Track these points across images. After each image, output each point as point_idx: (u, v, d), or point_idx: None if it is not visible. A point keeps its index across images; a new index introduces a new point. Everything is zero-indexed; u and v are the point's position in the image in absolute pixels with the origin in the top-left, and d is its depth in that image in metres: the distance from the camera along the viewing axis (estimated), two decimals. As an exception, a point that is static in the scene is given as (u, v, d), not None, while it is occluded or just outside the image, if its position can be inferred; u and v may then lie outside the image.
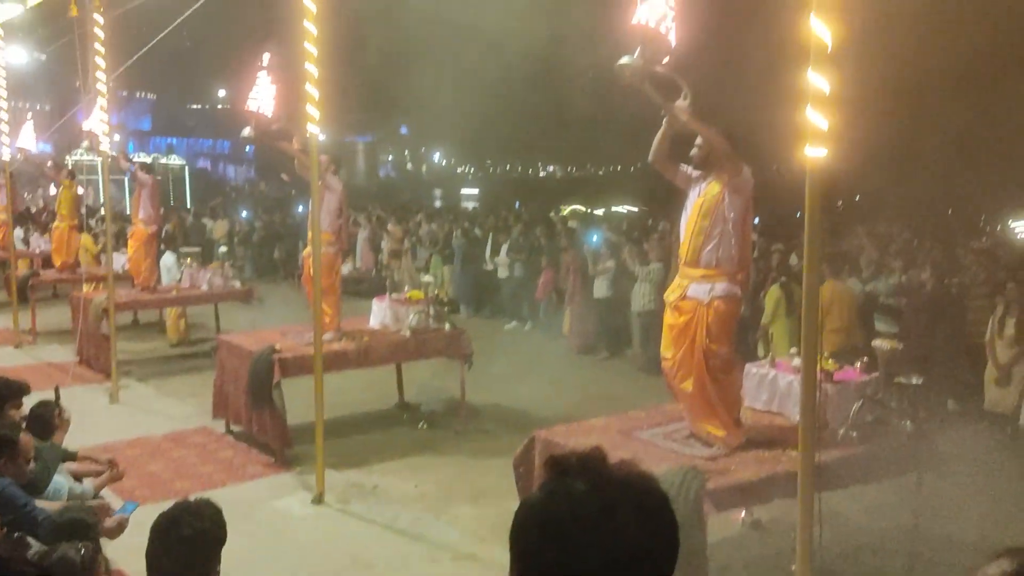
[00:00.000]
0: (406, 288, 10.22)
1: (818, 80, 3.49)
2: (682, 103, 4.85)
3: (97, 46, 9.01)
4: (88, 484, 5.17)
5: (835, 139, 3.58)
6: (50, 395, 5.59)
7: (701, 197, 5.07)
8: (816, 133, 3.52)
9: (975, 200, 20.18)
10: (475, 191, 47.49)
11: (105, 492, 5.38)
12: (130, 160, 11.69)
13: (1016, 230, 16.42)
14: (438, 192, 48.65)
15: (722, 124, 5.02)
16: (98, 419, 8.47)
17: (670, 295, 5.25)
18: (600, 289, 11.95)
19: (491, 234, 15.21)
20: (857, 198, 23.64)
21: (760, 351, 9.36)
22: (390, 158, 73.01)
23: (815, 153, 3.53)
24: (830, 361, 5.89)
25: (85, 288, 11.92)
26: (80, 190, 14.53)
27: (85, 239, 13.99)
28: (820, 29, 3.47)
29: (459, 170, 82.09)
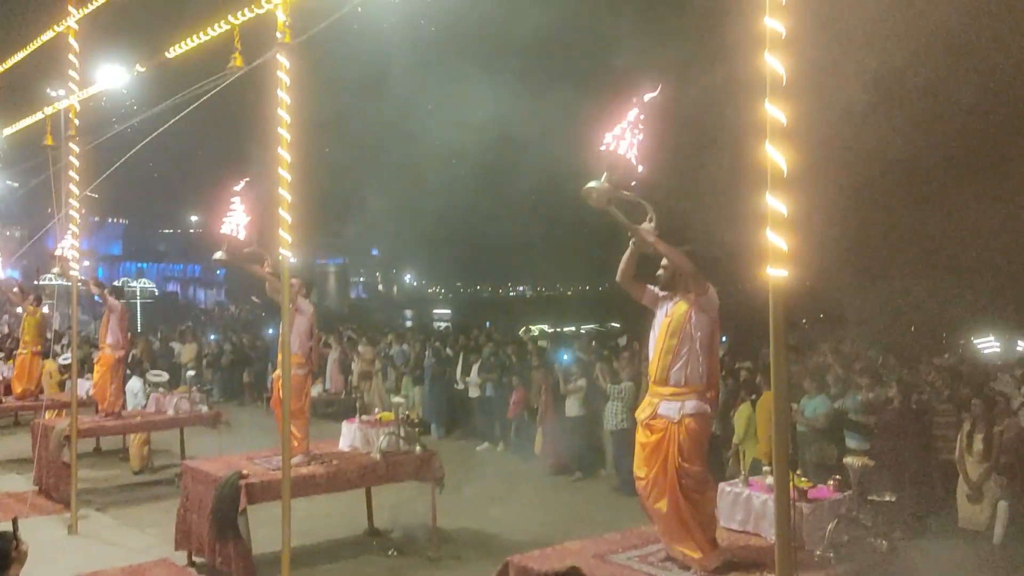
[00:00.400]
0: (377, 410, 10.14)
1: (776, 203, 3.63)
2: (648, 226, 5.01)
3: (71, 174, 9.15)
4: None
5: (796, 259, 3.69)
6: (7, 527, 5.39)
7: (668, 317, 5.17)
8: (777, 254, 3.64)
9: (936, 317, 20.61)
10: (447, 311, 47.74)
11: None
12: (100, 285, 11.67)
13: (979, 345, 16.71)
14: (409, 313, 48.76)
15: (686, 246, 5.17)
16: (56, 551, 8.15)
17: (641, 413, 5.27)
18: (572, 408, 11.91)
19: (462, 354, 15.20)
20: (821, 316, 24.04)
21: (733, 470, 9.32)
22: (361, 279, 73.48)
23: (777, 273, 3.63)
24: (803, 479, 5.88)
25: (47, 415, 11.66)
26: (46, 310, 14.39)
27: (49, 365, 13.77)
28: (775, 155, 3.63)
29: (430, 290, 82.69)
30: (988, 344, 16.18)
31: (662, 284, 5.27)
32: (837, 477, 5.88)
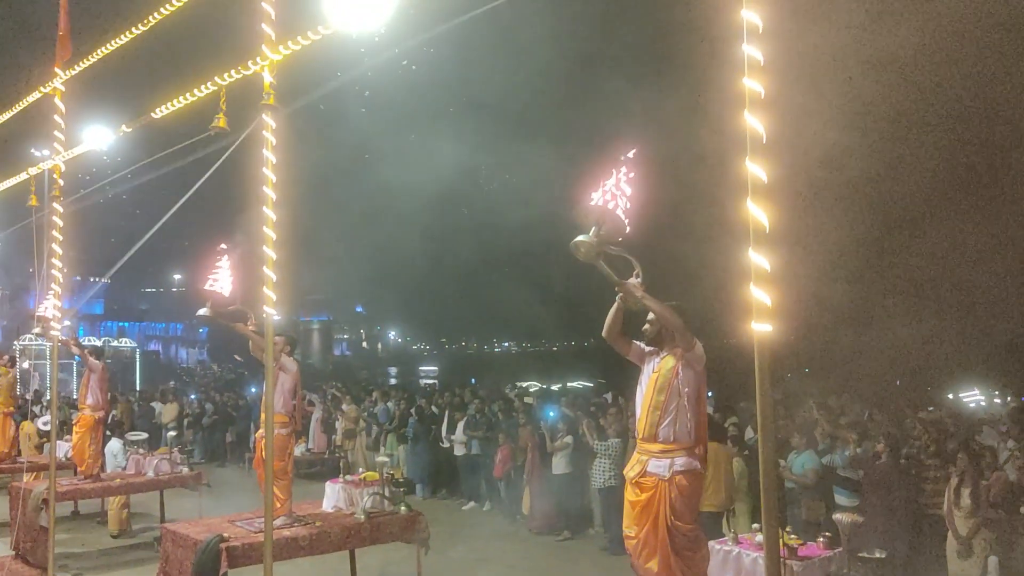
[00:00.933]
0: (361, 469, 10.00)
1: (759, 259, 3.65)
2: (635, 281, 5.03)
3: (54, 233, 9.11)
4: None
5: (780, 314, 3.71)
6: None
7: (655, 372, 5.16)
8: (761, 309, 3.65)
9: (922, 371, 20.70)
10: (433, 368, 47.55)
11: None
12: (79, 345, 11.56)
13: (964, 399, 16.76)
14: (393, 370, 48.54)
15: (672, 301, 5.19)
16: (28, 620, 7.94)
17: (630, 471, 5.21)
18: (559, 466, 11.79)
19: (447, 411, 15.07)
20: (806, 370, 24.11)
21: (724, 528, 9.21)
22: (345, 337, 73.22)
23: (761, 328, 3.64)
24: (793, 537, 5.83)
25: (26, 478, 11.46)
26: (26, 365, 14.21)
27: (28, 427, 13.56)
28: (757, 211, 3.67)
29: (414, 347, 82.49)
30: (972, 398, 16.24)
31: (648, 339, 5.28)
32: (827, 534, 5.84)
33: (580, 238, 4.81)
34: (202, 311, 8.08)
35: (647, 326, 5.26)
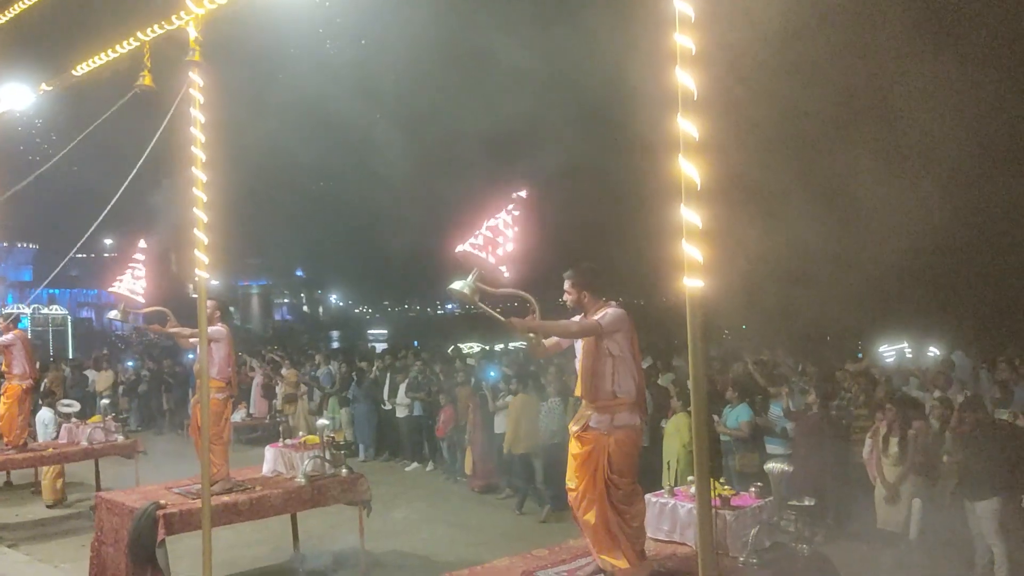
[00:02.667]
0: (301, 433, 9.94)
1: (690, 215, 3.69)
2: (519, 320, 5.03)
3: (-26, 197, 8.78)
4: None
5: (711, 270, 3.76)
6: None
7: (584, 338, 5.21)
8: (692, 264, 3.69)
9: (853, 324, 21.28)
10: (383, 331, 47.18)
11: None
12: None
13: (893, 351, 17.29)
14: (336, 334, 48.14)
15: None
16: (-40, 593, 7.78)
17: (574, 426, 5.29)
18: (501, 425, 11.88)
19: (388, 374, 15.04)
20: (744, 327, 24.60)
21: (663, 480, 9.41)
22: (286, 301, 72.32)
23: (693, 284, 3.69)
24: (726, 487, 5.97)
25: (-48, 450, 11.15)
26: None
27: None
28: (688, 168, 3.69)
29: (357, 311, 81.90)
30: (901, 350, 16.76)
31: (571, 308, 5.33)
32: (759, 484, 5.98)
33: (455, 285, 4.84)
34: (112, 313, 8.28)
35: (565, 295, 5.31)
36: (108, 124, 7.36)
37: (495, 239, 4.93)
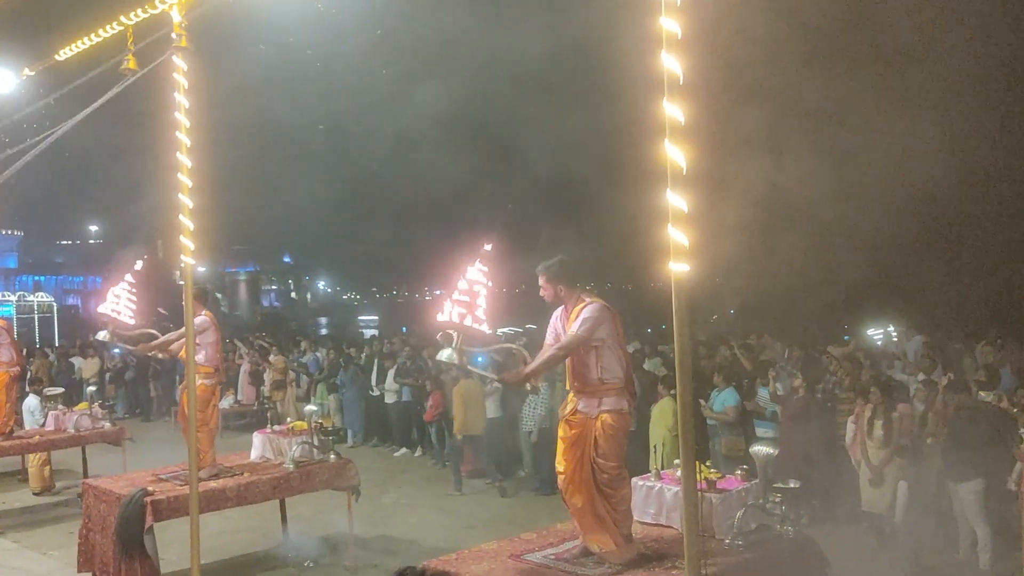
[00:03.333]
0: (289, 419, 9.94)
1: (676, 199, 3.69)
2: (511, 374, 5.12)
3: (-43, 183, 8.70)
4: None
5: (698, 254, 3.77)
6: None
7: (569, 327, 5.22)
8: (679, 249, 3.70)
9: (840, 309, 21.38)
10: (373, 318, 47.05)
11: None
12: None
13: (879, 335, 17.39)
14: (324, 320, 48.06)
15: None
16: (-52, 581, 7.76)
17: (563, 409, 5.32)
18: (489, 410, 11.90)
19: (376, 360, 15.03)
20: (731, 311, 24.68)
21: (650, 463, 9.46)
22: (274, 287, 72.08)
23: (679, 268, 3.70)
24: (712, 470, 6.01)
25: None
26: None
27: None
28: (674, 153, 3.70)
29: (345, 297, 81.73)
30: (887, 334, 16.86)
31: (549, 303, 5.35)
32: (744, 467, 6.02)
33: (443, 356, 4.93)
34: (101, 334, 8.39)
35: (541, 291, 5.33)
36: (91, 108, 7.29)
37: (470, 301, 4.97)
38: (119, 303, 7.97)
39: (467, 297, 4.97)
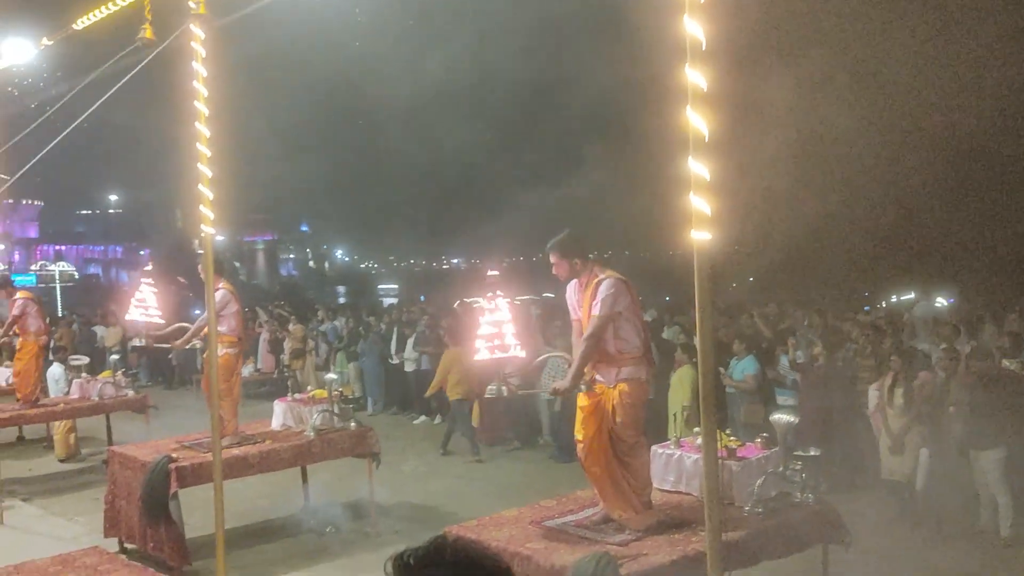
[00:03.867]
0: (309, 388, 10.01)
1: (698, 167, 3.65)
2: (562, 383, 5.19)
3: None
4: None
5: (719, 222, 3.73)
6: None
7: (584, 303, 5.22)
8: (700, 217, 3.67)
9: (858, 277, 21.23)
10: (394, 286, 47.18)
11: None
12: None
13: (900, 302, 17.27)
14: (342, 288, 48.25)
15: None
16: (-21, 544, 7.91)
17: (584, 378, 5.33)
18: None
19: (395, 328, 15.08)
20: (751, 279, 24.55)
21: (669, 431, 9.48)
22: (291, 256, 72.37)
23: (700, 236, 3.67)
24: (732, 438, 6.01)
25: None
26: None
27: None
28: (696, 119, 3.65)
29: (363, 265, 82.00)
30: (909, 300, 16.74)
31: (564, 280, 5.34)
32: (765, 435, 6.02)
33: (490, 391, 5.21)
34: (137, 341, 8.43)
35: (554, 270, 5.32)
36: (111, 78, 7.29)
37: (498, 333, 5.12)
38: (145, 305, 8.04)
39: (495, 329, 5.10)
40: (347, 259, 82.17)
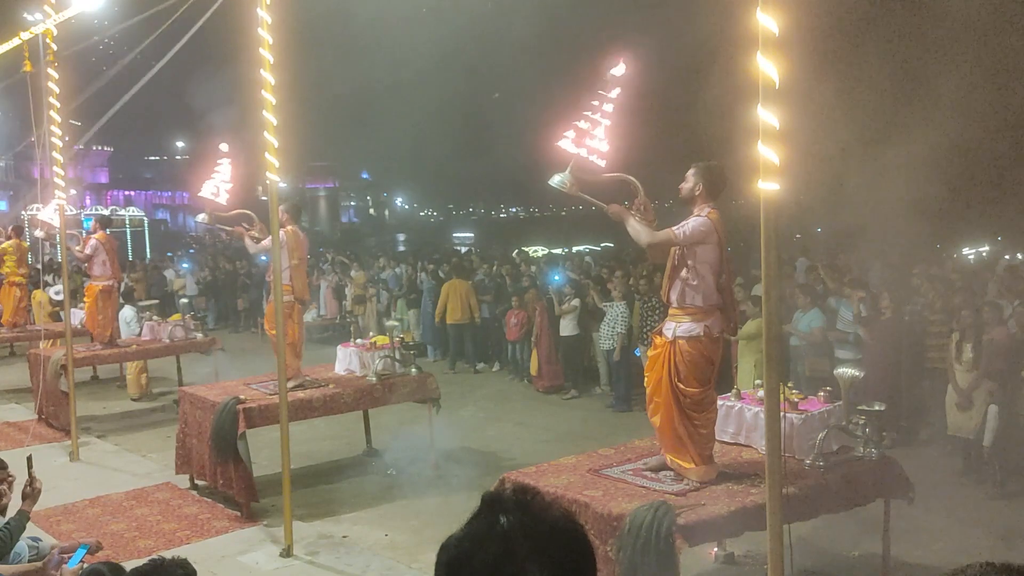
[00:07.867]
0: (371, 333, 10.18)
1: (768, 116, 3.57)
2: (616, 207, 5.12)
3: (52, 100, 8.96)
4: (48, 542, 5.06)
5: (787, 173, 3.65)
6: (11, 457, 5.45)
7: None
8: (769, 167, 3.59)
9: (929, 228, 20.56)
10: (469, 235, 47.26)
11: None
12: (79, 239, 11.62)
13: (968, 255, 16.76)
14: (401, 236, 48.60)
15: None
16: (58, 479, 8.24)
17: (656, 327, 5.35)
18: (566, 327, 11.97)
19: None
20: (819, 230, 23.96)
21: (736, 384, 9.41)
22: (352, 204, 73.00)
23: (768, 187, 3.59)
24: (794, 391, 5.95)
25: (43, 345, 11.70)
26: (38, 235, 14.19)
27: (40, 295, 13.75)
28: (767, 66, 3.55)
29: (422, 214, 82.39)
30: (981, 253, 16.23)
31: (683, 196, 5.22)
32: (828, 389, 5.94)
33: (554, 181, 5.00)
34: (201, 217, 8.61)
35: (683, 182, 5.20)
36: (178, 26, 7.38)
37: (589, 129, 4.91)
38: (216, 186, 8.19)
39: (588, 125, 4.94)
40: (407, 207, 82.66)
